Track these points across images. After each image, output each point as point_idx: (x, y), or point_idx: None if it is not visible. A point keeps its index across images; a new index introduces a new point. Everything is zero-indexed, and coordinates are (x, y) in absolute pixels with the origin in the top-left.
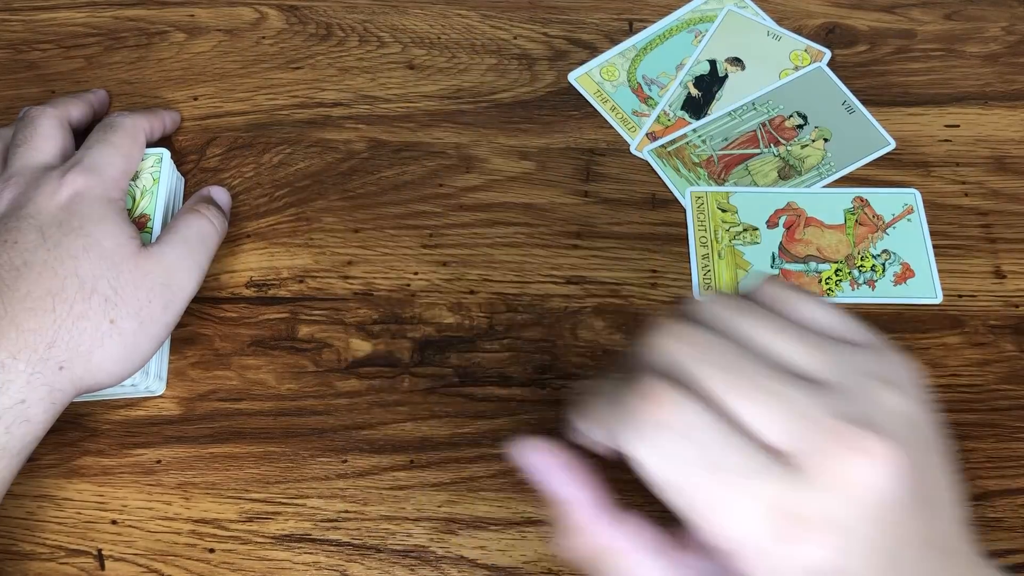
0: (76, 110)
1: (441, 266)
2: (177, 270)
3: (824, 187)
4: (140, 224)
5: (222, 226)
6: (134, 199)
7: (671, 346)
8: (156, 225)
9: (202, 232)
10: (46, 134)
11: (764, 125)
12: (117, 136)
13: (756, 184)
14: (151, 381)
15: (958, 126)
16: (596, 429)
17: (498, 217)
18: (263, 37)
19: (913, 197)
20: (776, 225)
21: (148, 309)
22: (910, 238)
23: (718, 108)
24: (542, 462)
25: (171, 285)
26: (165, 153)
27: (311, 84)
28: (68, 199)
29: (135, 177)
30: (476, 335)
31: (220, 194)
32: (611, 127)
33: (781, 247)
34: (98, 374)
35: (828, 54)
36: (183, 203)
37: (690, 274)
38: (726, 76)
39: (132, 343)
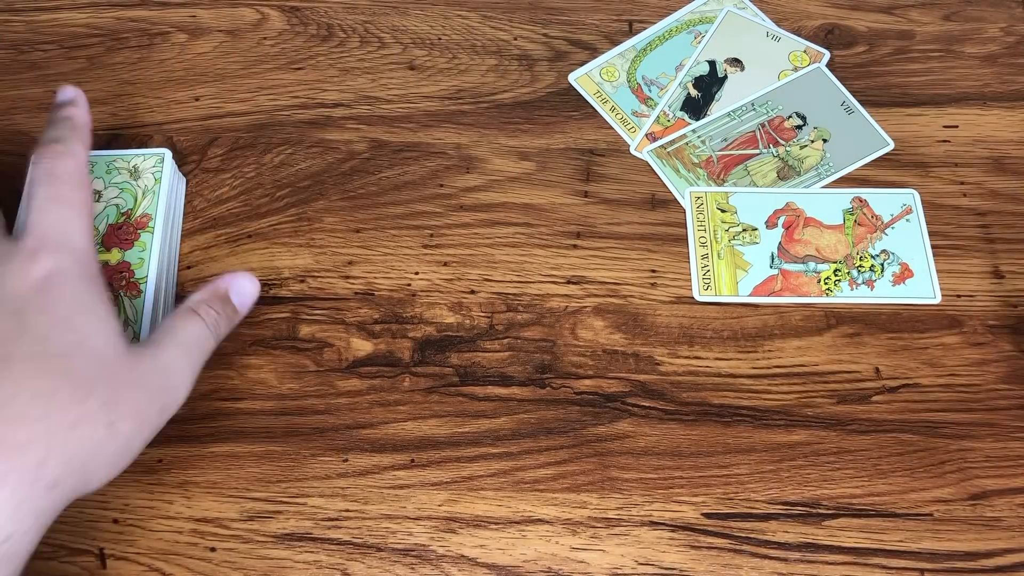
0: None
1: (442, 266)
2: (173, 373)
3: (823, 187)
4: (141, 224)
5: (223, 328)
6: (135, 199)
7: None
8: (157, 227)
9: (200, 337)
10: None
11: (763, 126)
12: (64, 188)
13: (755, 184)
14: None
15: (957, 127)
16: None
17: (498, 217)
18: (264, 38)
19: (912, 197)
20: (775, 225)
21: (147, 412)
22: (909, 238)
23: (717, 109)
24: None
25: (168, 388)
26: (167, 154)
27: (312, 85)
28: (42, 280)
29: (136, 176)
30: (476, 335)
31: (246, 286)
32: (611, 128)
33: (780, 247)
34: (89, 483)
35: (827, 55)
36: (183, 205)
37: (689, 274)
38: (725, 77)
39: (127, 447)
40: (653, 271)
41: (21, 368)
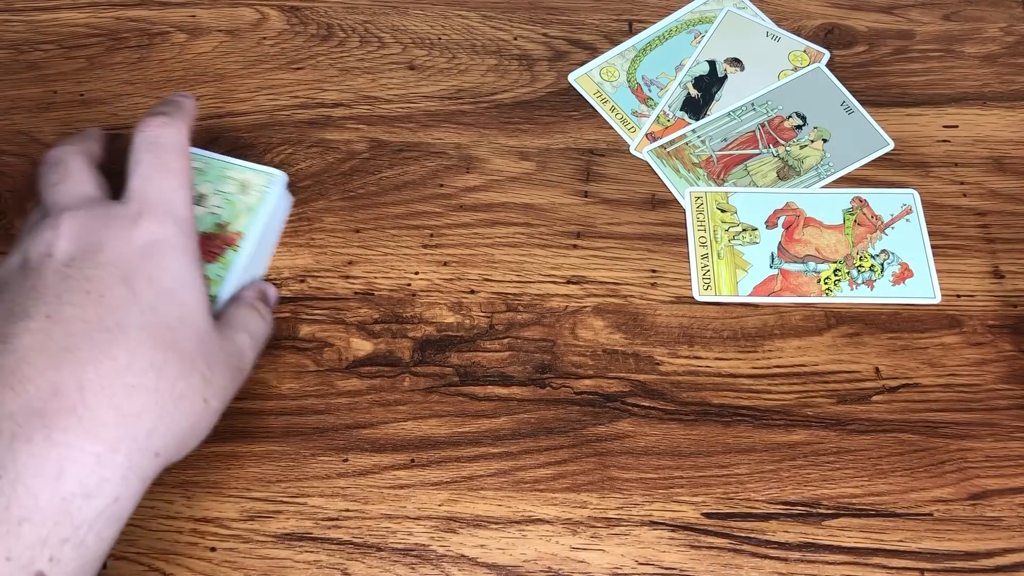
0: (96, 146)
1: (441, 266)
2: (244, 357)
3: (823, 187)
4: (230, 240)
5: (271, 329)
6: (235, 213)
7: None
8: (245, 248)
9: (260, 331)
10: (80, 167)
11: (763, 126)
12: (168, 157)
13: (755, 184)
14: None
15: (957, 127)
16: None
17: (498, 217)
18: (264, 38)
19: (912, 197)
20: (775, 225)
21: (228, 391)
22: (909, 238)
23: (717, 109)
24: None
25: (243, 370)
26: (281, 177)
27: (312, 85)
28: (146, 246)
29: (244, 191)
30: (476, 335)
31: (273, 293)
32: (611, 127)
33: (780, 247)
34: (180, 453)
35: (827, 55)
36: (282, 228)
37: (689, 274)
38: (725, 77)
39: (211, 422)
40: (653, 271)
41: (137, 337)
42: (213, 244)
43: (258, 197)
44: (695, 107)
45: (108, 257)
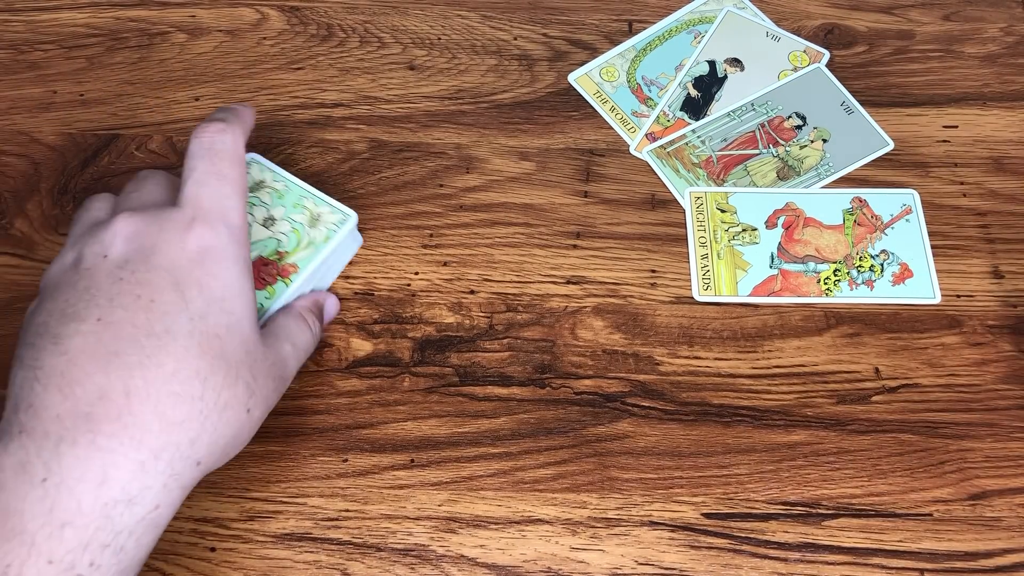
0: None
1: (441, 266)
2: (289, 366)
3: (823, 187)
4: (285, 272)
5: (318, 339)
6: (297, 244)
7: None
8: (296, 283)
9: (306, 341)
10: (157, 180)
11: (763, 126)
12: (223, 164)
13: (755, 184)
14: None
15: (956, 127)
16: None
17: (498, 217)
18: (264, 38)
19: (911, 197)
20: (775, 225)
21: (270, 400)
22: (908, 238)
23: (717, 109)
24: None
25: (285, 379)
26: (354, 218)
27: (312, 85)
28: (198, 252)
29: (313, 224)
30: (476, 335)
31: (333, 308)
32: (610, 128)
33: (780, 247)
34: (221, 461)
35: (827, 55)
36: (343, 266)
37: (689, 274)
38: (725, 77)
39: (252, 431)
40: (653, 271)
41: (185, 344)
42: (266, 271)
43: (325, 234)
44: (695, 107)
45: (160, 261)
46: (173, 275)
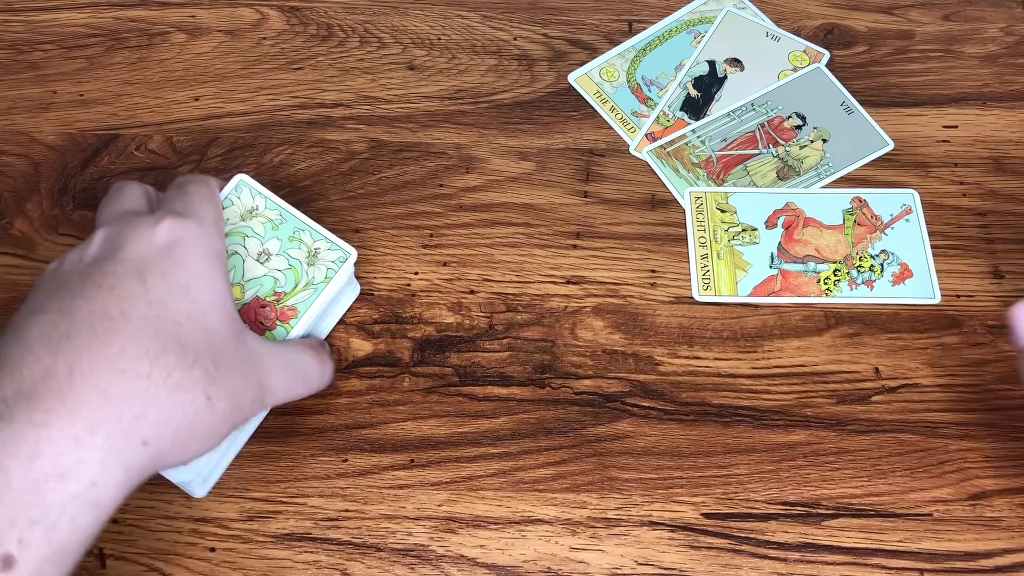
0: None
1: (441, 266)
2: (271, 377)
3: (823, 187)
4: (284, 316)
5: (327, 381)
6: (295, 284)
7: None
8: (299, 324)
9: (310, 370)
10: (130, 192)
11: (763, 126)
12: (193, 187)
13: (755, 184)
14: (196, 483)
15: (956, 127)
16: None
17: (498, 217)
18: (264, 38)
19: (911, 197)
20: (775, 225)
21: (241, 397)
22: (908, 238)
23: (717, 109)
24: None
25: (264, 385)
26: (353, 254)
27: (312, 85)
28: (166, 246)
29: (312, 261)
30: (476, 335)
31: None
32: (610, 128)
33: (780, 247)
34: (179, 453)
35: (827, 55)
36: (342, 312)
37: (689, 274)
38: (725, 77)
39: (218, 426)
40: (653, 271)
41: (136, 326)
42: (264, 314)
43: (324, 274)
44: (695, 107)
45: (127, 255)
46: (137, 266)
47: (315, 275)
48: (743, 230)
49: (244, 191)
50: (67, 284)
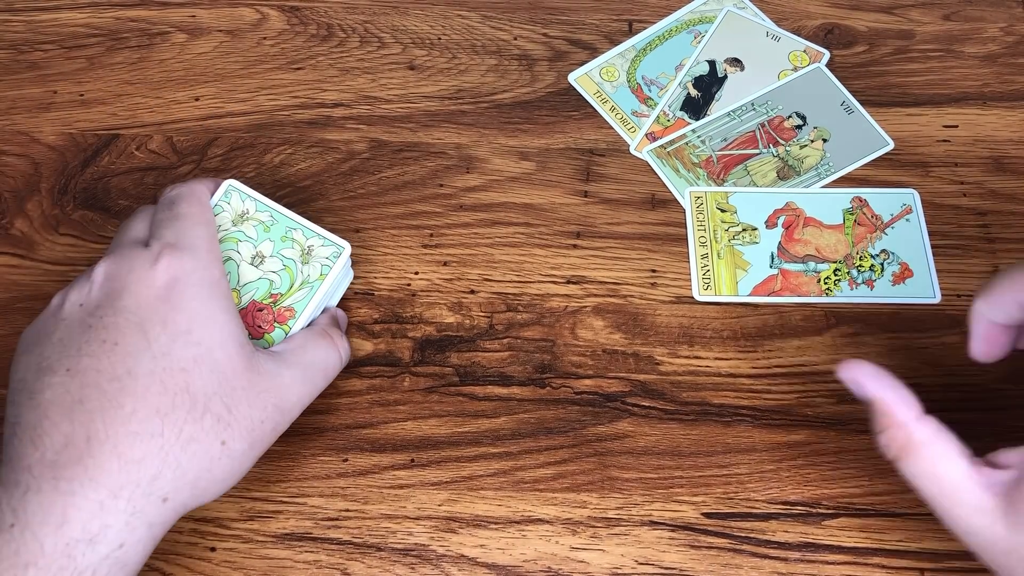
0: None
1: (441, 266)
2: (290, 393)
3: (823, 187)
4: (281, 318)
5: (347, 357)
6: (291, 284)
7: None
8: (297, 324)
9: (327, 362)
10: (139, 216)
11: (763, 125)
12: (184, 207)
13: (755, 184)
14: None
15: (956, 126)
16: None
17: (498, 217)
18: (264, 38)
19: (912, 197)
20: (775, 225)
21: (260, 430)
22: (909, 238)
23: (717, 108)
24: (862, 373)
25: (283, 408)
26: (347, 248)
27: (312, 85)
28: (166, 286)
29: (306, 260)
30: (476, 335)
31: (343, 319)
32: (611, 127)
33: (780, 247)
34: (200, 498)
35: (827, 55)
36: (337, 301)
37: (689, 274)
38: (725, 77)
39: (239, 465)
40: (653, 271)
41: (144, 384)
42: (262, 317)
43: (319, 271)
44: (695, 107)
45: (127, 303)
46: (138, 315)
47: (310, 273)
48: (743, 230)
49: (234, 196)
50: (70, 336)
